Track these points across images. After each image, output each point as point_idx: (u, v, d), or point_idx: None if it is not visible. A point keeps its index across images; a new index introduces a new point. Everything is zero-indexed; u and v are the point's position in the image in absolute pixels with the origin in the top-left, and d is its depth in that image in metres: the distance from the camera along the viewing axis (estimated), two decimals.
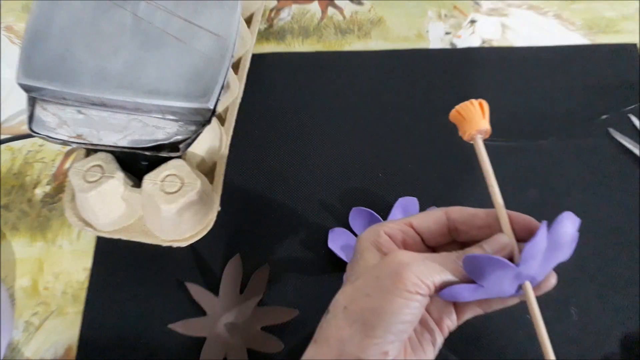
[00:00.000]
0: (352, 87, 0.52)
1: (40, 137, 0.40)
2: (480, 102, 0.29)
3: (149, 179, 0.40)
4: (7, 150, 0.51)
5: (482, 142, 0.29)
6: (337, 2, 0.58)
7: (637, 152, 0.48)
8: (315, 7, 0.58)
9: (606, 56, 0.53)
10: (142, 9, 0.40)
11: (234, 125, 0.50)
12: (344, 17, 0.57)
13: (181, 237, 0.43)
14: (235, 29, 0.40)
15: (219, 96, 0.39)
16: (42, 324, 0.43)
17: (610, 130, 0.49)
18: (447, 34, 0.56)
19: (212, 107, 0.38)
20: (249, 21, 0.54)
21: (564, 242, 0.27)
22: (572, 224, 0.27)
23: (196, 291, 0.43)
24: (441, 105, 0.51)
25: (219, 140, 0.46)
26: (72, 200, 0.44)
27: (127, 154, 0.41)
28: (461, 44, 0.55)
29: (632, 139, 0.48)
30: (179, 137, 0.40)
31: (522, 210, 0.45)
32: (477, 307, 0.30)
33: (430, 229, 0.30)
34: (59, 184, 0.49)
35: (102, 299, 0.43)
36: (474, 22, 0.57)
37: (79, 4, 0.40)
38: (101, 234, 0.44)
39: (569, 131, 0.49)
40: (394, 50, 0.54)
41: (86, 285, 0.44)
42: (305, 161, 0.49)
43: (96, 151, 0.42)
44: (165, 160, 0.41)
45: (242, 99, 0.51)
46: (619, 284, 0.43)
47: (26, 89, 0.40)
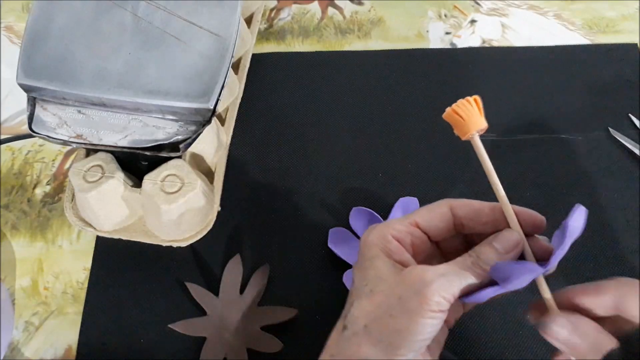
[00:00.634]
0: (352, 87, 0.52)
1: (40, 137, 0.40)
2: (475, 99, 0.29)
3: (149, 179, 0.40)
4: (7, 150, 0.51)
5: (479, 140, 0.28)
6: (337, 2, 0.58)
7: (637, 152, 0.48)
8: (315, 7, 0.58)
9: (606, 56, 0.53)
10: (142, 9, 0.40)
11: (234, 125, 0.50)
12: (344, 17, 0.57)
13: (181, 237, 0.43)
14: (235, 29, 0.40)
15: (219, 96, 0.39)
16: (42, 324, 0.43)
17: (610, 130, 0.49)
18: (447, 34, 0.56)
19: (212, 107, 0.38)
20: (249, 21, 0.54)
21: (576, 235, 0.27)
22: (583, 218, 0.27)
23: (196, 291, 0.43)
24: (441, 105, 0.51)
25: (219, 140, 0.46)
26: (72, 200, 0.44)
27: (127, 154, 0.41)
28: (461, 44, 0.55)
29: (632, 139, 0.48)
30: (179, 137, 0.40)
31: None
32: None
33: (437, 227, 0.30)
34: (59, 184, 0.49)
35: (102, 299, 0.43)
36: (474, 22, 0.57)
37: (79, 4, 0.40)
38: (101, 234, 0.44)
39: (569, 131, 0.49)
40: (394, 50, 0.54)
41: (86, 285, 0.44)
42: (305, 161, 0.49)
43: (96, 151, 0.42)
44: (165, 160, 0.41)
45: (242, 99, 0.51)
46: None
47: (26, 89, 0.40)
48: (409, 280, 0.27)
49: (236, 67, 0.51)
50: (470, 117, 0.28)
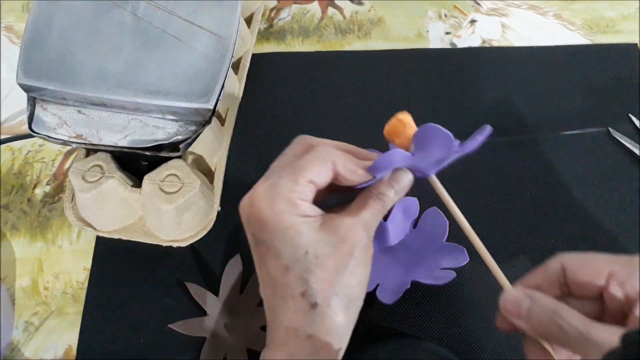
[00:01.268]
0: (352, 87, 0.52)
1: (40, 137, 0.40)
2: (403, 117, 0.32)
3: (149, 179, 0.40)
4: (7, 150, 0.51)
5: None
6: (337, 2, 0.58)
7: (637, 152, 0.48)
8: (315, 7, 0.58)
9: (606, 56, 0.53)
10: (142, 9, 0.40)
11: (234, 125, 0.50)
12: (344, 17, 0.57)
13: (181, 237, 0.43)
14: (235, 29, 0.40)
15: (219, 96, 0.39)
16: (42, 324, 0.43)
17: (610, 130, 0.49)
18: (447, 34, 0.56)
19: (212, 107, 0.38)
20: (249, 21, 0.54)
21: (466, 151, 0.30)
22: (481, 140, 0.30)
23: (196, 291, 0.43)
24: (441, 104, 0.51)
25: (219, 140, 0.46)
26: (72, 200, 0.44)
27: (127, 154, 0.41)
28: (461, 44, 0.55)
29: (632, 139, 0.48)
30: (179, 137, 0.40)
31: (522, 208, 0.45)
32: None
33: (324, 182, 0.29)
34: (59, 184, 0.49)
35: (102, 299, 0.43)
36: (474, 22, 0.57)
37: (79, 4, 0.40)
38: (101, 234, 0.44)
39: (569, 131, 0.49)
40: (394, 50, 0.54)
41: (86, 285, 0.44)
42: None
43: (96, 151, 0.42)
44: (165, 160, 0.41)
45: (242, 99, 0.51)
46: None
47: (26, 89, 0.40)
48: (349, 235, 0.28)
49: (236, 67, 0.51)
50: (400, 132, 0.32)
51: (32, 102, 0.41)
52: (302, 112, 0.51)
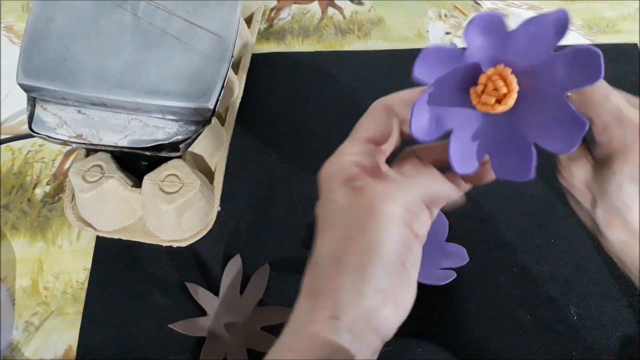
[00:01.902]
0: (352, 87, 0.52)
1: (40, 137, 0.40)
2: None
3: (149, 179, 0.40)
4: (7, 150, 0.51)
5: None
6: (337, 2, 0.58)
7: None
8: (315, 7, 0.58)
9: (606, 56, 0.53)
10: (142, 9, 0.40)
11: (234, 125, 0.50)
12: (344, 17, 0.57)
13: (181, 237, 0.43)
14: (235, 29, 0.40)
15: (219, 96, 0.39)
16: (42, 324, 0.43)
17: None
18: (447, 33, 0.56)
19: (212, 107, 0.38)
20: (249, 21, 0.54)
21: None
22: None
23: (196, 291, 0.43)
24: None
25: (219, 140, 0.46)
26: (72, 200, 0.44)
27: (127, 154, 0.41)
28: (461, 44, 0.55)
29: None
30: (179, 137, 0.40)
31: (522, 208, 0.45)
32: (447, 193, 0.28)
33: (384, 132, 0.28)
34: (59, 184, 0.49)
35: (102, 299, 0.43)
36: None
37: (79, 4, 0.40)
38: (101, 234, 0.44)
39: None
40: (394, 50, 0.54)
41: (86, 285, 0.44)
42: (305, 161, 0.49)
43: (96, 151, 0.42)
44: (165, 160, 0.41)
45: (242, 99, 0.50)
46: (619, 284, 0.42)
47: (26, 89, 0.40)
48: (362, 199, 0.25)
49: (236, 67, 0.51)
50: None
51: (32, 102, 0.41)
52: (302, 112, 0.51)
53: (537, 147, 0.24)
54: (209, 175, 0.46)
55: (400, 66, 0.53)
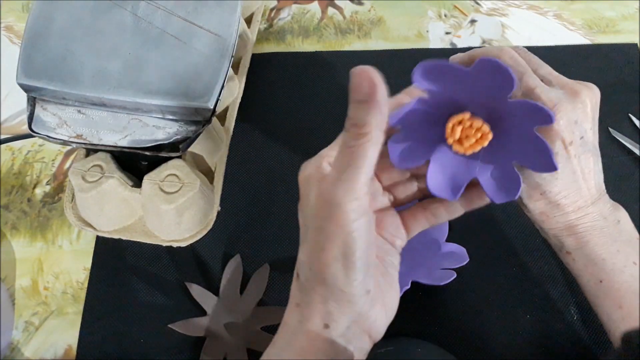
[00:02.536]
0: None
1: (40, 137, 0.40)
2: None
3: (149, 179, 0.40)
4: (7, 150, 0.51)
5: None
6: (337, 2, 0.58)
7: (637, 152, 0.48)
8: (315, 7, 0.58)
9: (606, 56, 0.53)
10: (142, 9, 0.40)
11: (234, 125, 0.50)
12: (344, 17, 0.57)
13: (181, 237, 0.43)
14: (235, 29, 0.40)
15: (219, 96, 0.39)
16: (42, 324, 0.43)
17: (610, 130, 0.49)
18: (447, 33, 0.56)
19: (212, 107, 0.38)
20: (249, 21, 0.54)
21: None
22: None
23: (196, 291, 0.43)
24: None
25: (219, 140, 0.46)
26: (72, 200, 0.44)
27: (127, 154, 0.41)
28: (461, 44, 0.55)
29: (632, 139, 0.48)
30: (179, 137, 0.40)
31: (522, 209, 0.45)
32: (424, 220, 0.29)
33: None
34: (59, 184, 0.49)
35: (102, 299, 0.43)
36: (474, 22, 0.57)
37: (79, 4, 0.40)
38: (101, 234, 0.44)
39: None
40: (394, 50, 0.54)
41: (86, 285, 0.44)
42: (305, 161, 0.49)
43: (96, 151, 0.42)
44: (165, 160, 0.41)
45: (242, 99, 0.50)
46: None
47: (26, 89, 0.40)
48: (321, 202, 0.24)
49: (236, 67, 0.51)
50: None
51: (32, 102, 0.41)
52: (302, 112, 0.51)
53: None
54: (209, 175, 0.46)
55: (400, 66, 0.53)
